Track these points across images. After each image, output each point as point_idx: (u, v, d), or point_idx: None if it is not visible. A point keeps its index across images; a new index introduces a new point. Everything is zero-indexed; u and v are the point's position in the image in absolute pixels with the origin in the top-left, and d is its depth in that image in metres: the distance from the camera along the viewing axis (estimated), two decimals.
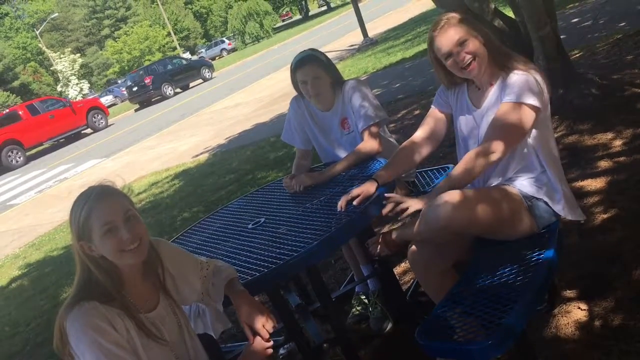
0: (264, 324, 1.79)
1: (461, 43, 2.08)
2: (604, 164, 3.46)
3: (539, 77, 2.05)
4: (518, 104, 2.00)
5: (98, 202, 1.61)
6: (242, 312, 1.83)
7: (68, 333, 1.54)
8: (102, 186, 1.67)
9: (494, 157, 2.02)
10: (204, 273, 1.91)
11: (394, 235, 2.20)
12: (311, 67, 2.79)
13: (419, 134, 2.39)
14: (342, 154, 2.87)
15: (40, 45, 54.04)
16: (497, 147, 2.01)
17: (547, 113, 2.11)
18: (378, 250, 2.26)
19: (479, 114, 2.18)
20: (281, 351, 2.78)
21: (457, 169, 2.08)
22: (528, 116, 2.01)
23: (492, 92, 2.13)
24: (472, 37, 2.08)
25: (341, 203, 2.21)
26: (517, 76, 2.04)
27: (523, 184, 2.11)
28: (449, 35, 2.09)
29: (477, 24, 2.15)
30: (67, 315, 1.55)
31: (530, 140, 2.09)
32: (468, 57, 2.08)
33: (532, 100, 2.00)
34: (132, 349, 1.59)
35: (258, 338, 1.78)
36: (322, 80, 2.79)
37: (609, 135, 3.79)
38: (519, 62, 2.09)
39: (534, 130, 2.07)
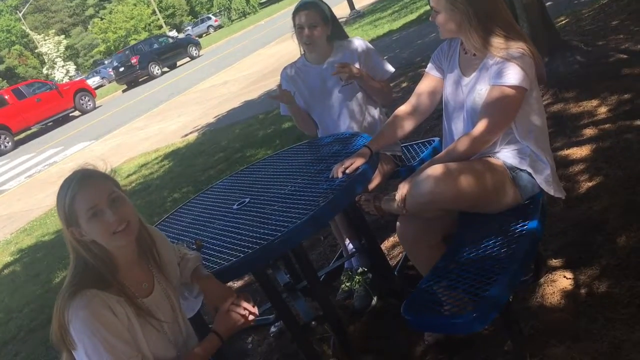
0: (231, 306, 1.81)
1: (434, 9, 2.07)
2: (589, 131, 3.45)
3: (528, 60, 1.99)
4: (507, 87, 1.98)
5: (80, 187, 1.60)
6: (209, 295, 1.88)
7: (69, 323, 1.52)
8: (83, 170, 1.65)
9: (491, 140, 2.05)
10: (177, 259, 1.92)
11: (383, 206, 2.20)
12: (310, 13, 2.80)
13: (412, 101, 2.35)
14: (335, 110, 2.90)
15: (24, 27, 53.28)
16: (493, 130, 2.03)
17: (533, 92, 2.09)
18: (367, 209, 2.28)
19: (466, 86, 2.14)
20: (271, 329, 2.79)
21: (461, 145, 2.06)
22: (517, 99, 2.00)
23: (481, 67, 2.07)
24: (444, 10, 2.04)
25: (335, 172, 2.21)
26: (507, 59, 1.98)
27: (507, 155, 2.09)
28: None
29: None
30: (69, 306, 1.53)
31: None
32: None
33: (521, 83, 1.97)
34: (132, 336, 1.59)
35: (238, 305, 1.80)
36: (318, 30, 2.81)
37: (594, 102, 3.78)
38: (511, 39, 2.01)
39: None
